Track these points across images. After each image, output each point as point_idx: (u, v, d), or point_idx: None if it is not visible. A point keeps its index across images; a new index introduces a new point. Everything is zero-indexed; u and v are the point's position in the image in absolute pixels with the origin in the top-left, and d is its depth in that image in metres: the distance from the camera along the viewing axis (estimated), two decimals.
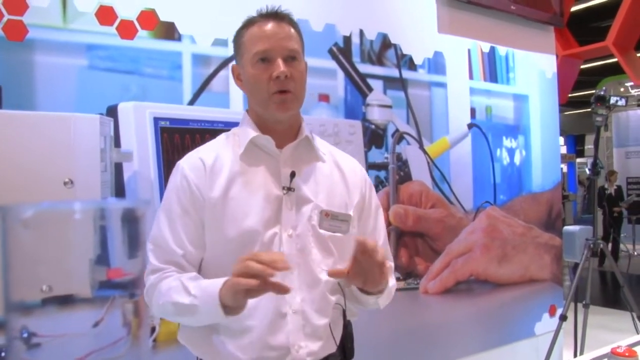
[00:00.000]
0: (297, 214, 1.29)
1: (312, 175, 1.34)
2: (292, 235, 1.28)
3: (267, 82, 1.27)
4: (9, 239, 2.04)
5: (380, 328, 2.82)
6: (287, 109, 1.29)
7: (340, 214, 1.30)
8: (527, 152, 3.60)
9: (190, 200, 1.29)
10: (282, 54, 1.28)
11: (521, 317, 3.45)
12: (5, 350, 1.98)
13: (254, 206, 1.27)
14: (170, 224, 1.29)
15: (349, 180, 1.39)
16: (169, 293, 1.23)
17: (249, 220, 1.26)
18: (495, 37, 3.42)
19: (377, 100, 2.87)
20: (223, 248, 1.27)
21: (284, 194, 1.29)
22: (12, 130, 2.01)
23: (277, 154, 1.32)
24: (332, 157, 1.41)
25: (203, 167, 1.30)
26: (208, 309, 1.18)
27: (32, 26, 2.05)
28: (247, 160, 1.31)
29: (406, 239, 2.94)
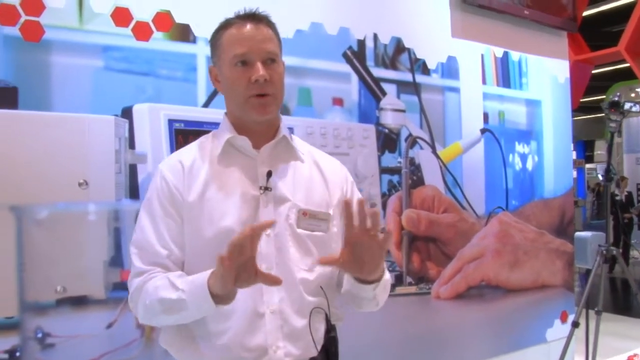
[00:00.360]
0: (274, 214, 1.28)
1: (291, 175, 1.34)
2: (270, 235, 1.27)
3: (245, 85, 1.26)
4: (24, 240, 2.06)
5: (392, 332, 2.81)
6: (266, 112, 1.28)
7: (319, 213, 1.29)
8: (540, 157, 3.59)
9: (170, 201, 1.29)
10: (260, 57, 1.27)
11: (532, 323, 3.43)
12: (20, 350, 2.00)
13: (230, 206, 1.27)
14: (154, 226, 1.28)
15: (329, 179, 1.38)
16: (156, 292, 1.22)
17: (226, 221, 1.26)
18: (508, 42, 3.41)
19: (391, 105, 2.86)
20: (201, 249, 1.26)
21: (260, 194, 1.29)
22: (27, 131, 2.02)
23: (254, 154, 1.32)
24: (311, 157, 1.40)
25: (182, 169, 1.31)
26: (197, 301, 1.17)
27: (48, 27, 2.06)
28: (224, 161, 1.32)
29: (418, 243, 2.92)
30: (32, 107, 2.02)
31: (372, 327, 2.76)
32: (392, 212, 2.83)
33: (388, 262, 2.83)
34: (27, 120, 2.02)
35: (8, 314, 1.95)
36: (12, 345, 1.95)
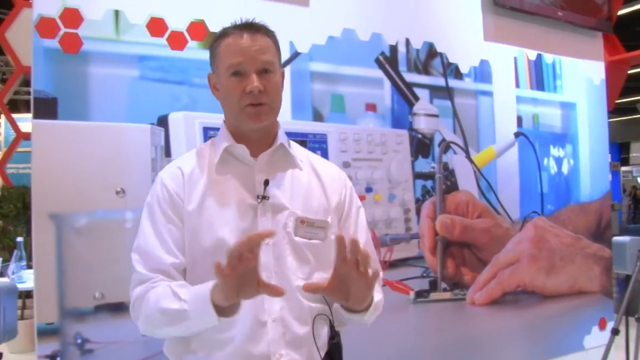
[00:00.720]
0: (272, 222, 1.29)
1: (288, 182, 1.34)
2: (269, 244, 1.27)
3: (240, 96, 1.27)
4: (63, 247, 2.09)
5: (427, 339, 2.78)
6: (260, 120, 1.29)
7: (316, 221, 1.27)
8: (575, 161, 3.52)
9: (172, 207, 1.29)
10: (255, 67, 1.27)
11: (570, 329, 3.36)
12: (60, 355, 2.03)
13: (228, 216, 1.27)
14: (156, 233, 1.28)
15: (327, 186, 1.38)
16: (158, 301, 1.21)
17: (224, 230, 1.26)
18: (541, 44, 3.35)
19: (424, 110, 2.84)
20: (199, 258, 1.27)
21: (258, 203, 1.29)
22: (66, 140, 2.06)
23: (252, 163, 1.32)
24: (309, 164, 1.40)
25: (181, 175, 1.32)
26: (199, 312, 1.16)
27: (86, 38, 2.10)
28: (222, 170, 1.32)
29: (453, 249, 2.89)
30: (71, 117, 2.06)
31: (407, 334, 2.75)
32: (425, 218, 2.81)
33: (422, 268, 2.80)
34: (66, 130, 2.06)
35: (49, 320, 1.99)
36: (53, 351, 1.99)
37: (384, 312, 2.68)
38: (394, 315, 2.69)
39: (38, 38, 2.06)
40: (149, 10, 2.20)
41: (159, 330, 1.27)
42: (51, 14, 2.06)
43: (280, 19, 2.47)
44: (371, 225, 2.63)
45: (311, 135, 2.49)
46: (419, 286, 2.77)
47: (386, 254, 2.65)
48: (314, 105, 2.54)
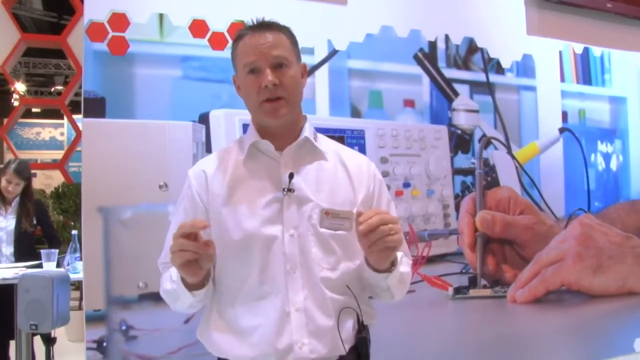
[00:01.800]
0: (298, 214, 1.32)
1: (314, 175, 1.37)
2: (294, 235, 1.31)
3: (257, 92, 1.32)
4: (110, 238, 2.21)
5: (466, 335, 2.77)
6: (278, 115, 1.33)
7: (341, 212, 1.27)
8: (625, 157, 3.41)
9: (192, 207, 1.37)
10: (269, 63, 1.31)
11: (619, 331, 3.26)
12: (106, 340, 2.15)
13: (255, 209, 1.32)
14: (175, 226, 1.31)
15: (354, 178, 1.39)
16: (163, 283, 1.36)
17: (252, 223, 1.31)
18: (589, 37, 3.27)
19: (464, 105, 2.83)
20: (230, 251, 1.32)
21: (284, 195, 1.32)
22: (114, 137, 2.17)
23: (277, 157, 1.36)
24: (337, 155, 1.42)
25: (204, 177, 1.37)
26: (180, 290, 1.28)
27: (132, 41, 2.21)
28: (250, 164, 1.37)
29: (493, 246, 2.86)
30: (118, 116, 2.18)
31: (445, 330, 2.74)
32: (465, 213, 2.79)
33: (462, 264, 2.79)
34: (114, 127, 2.18)
35: (96, 307, 2.11)
36: (100, 336, 2.11)
37: (423, 306, 2.70)
38: (432, 310, 2.70)
39: (88, 42, 2.18)
40: (191, 12, 2.29)
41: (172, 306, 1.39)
42: (100, 19, 2.18)
43: (319, 18, 2.53)
44: (409, 220, 2.64)
45: (349, 131, 2.52)
46: (457, 282, 2.76)
47: (424, 249, 2.65)
48: (352, 101, 2.57)
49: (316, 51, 2.49)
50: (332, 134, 2.49)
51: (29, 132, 10.39)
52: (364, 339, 1.35)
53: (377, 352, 2.55)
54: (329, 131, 2.48)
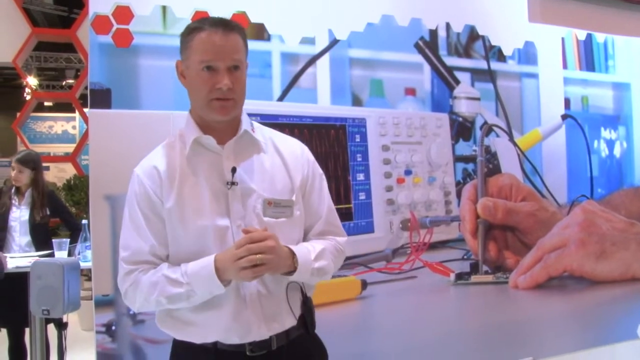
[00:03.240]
0: (243, 206, 1.40)
1: (254, 167, 1.43)
2: (241, 226, 1.38)
3: (209, 90, 1.36)
4: (117, 225, 2.26)
5: (468, 320, 2.81)
6: (227, 113, 1.39)
7: (282, 201, 1.40)
8: (629, 143, 3.41)
9: (149, 205, 1.40)
10: (226, 65, 1.35)
11: (622, 317, 3.27)
12: (115, 324, 2.22)
13: (203, 204, 1.38)
14: (136, 228, 1.40)
15: (290, 165, 1.47)
16: (157, 289, 1.36)
17: (202, 218, 1.38)
18: (592, 23, 3.27)
19: (465, 93, 2.86)
20: (183, 245, 1.39)
21: (228, 189, 1.39)
22: (119, 127, 2.23)
23: (220, 151, 1.41)
24: (272, 145, 1.49)
25: (158, 174, 1.41)
26: (206, 288, 1.34)
27: (137, 33, 2.26)
28: (194, 160, 1.42)
29: (495, 232, 2.89)
30: (124, 106, 2.24)
31: (447, 315, 2.78)
32: (467, 200, 2.82)
33: (463, 251, 2.83)
34: (119, 118, 2.24)
35: (105, 292, 2.17)
36: (109, 320, 2.17)
37: (425, 292, 2.73)
38: (434, 296, 2.74)
39: (93, 34, 2.24)
40: (194, 4, 2.33)
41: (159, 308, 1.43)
42: (105, 11, 2.23)
43: (319, 8, 2.56)
44: (410, 207, 2.68)
45: (350, 119, 2.56)
46: (459, 268, 2.79)
47: (426, 235, 2.69)
48: (353, 90, 2.61)
49: (317, 41, 2.53)
50: (334, 123, 2.53)
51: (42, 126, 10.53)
52: (309, 308, 1.48)
53: (380, 336, 2.61)
54: (331, 120, 2.52)
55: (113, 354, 2.18)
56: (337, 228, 1.55)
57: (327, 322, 1.61)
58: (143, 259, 1.39)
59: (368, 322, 2.56)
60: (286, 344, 1.43)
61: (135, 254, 1.39)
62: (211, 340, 1.40)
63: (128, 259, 1.40)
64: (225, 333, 1.39)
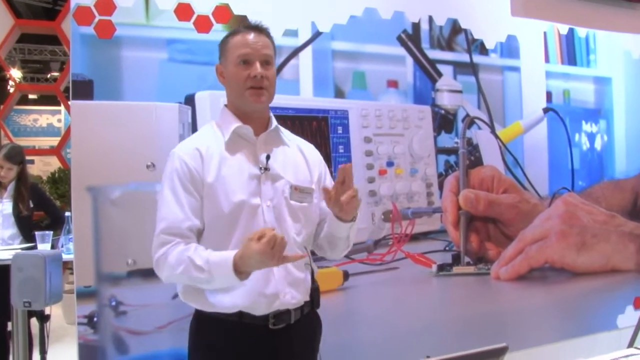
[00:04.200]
0: (272, 189, 1.60)
1: (282, 157, 1.64)
2: (270, 206, 1.59)
3: (245, 79, 1.57)
4: (99, 217, 2.27)
5: (450, 311, 2.84)
6: (260, 100, 1.59)
7: (305, 188, 1.63)
8: (610, 136, 3.45)
9: (191, 181, 1.55)
10: (259, 58, 1.58)
11: (602, 308, 3.32)
12: (97, 315, 2.22)
13: (240, 184, 1.57)
14: (177, 201, 1.55)
15: (310, 161, 1.70)
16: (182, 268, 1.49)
17: (237, 195, 1.55)
18: (574, 18, 3.30)
19: (447, 86, 2.88)
20: (219, 220, 1.56)
21: (261, 173, 1.59)
22: (102, 119, 2.23)
23: (254, 141, 1.62)
24: (295, 143, 1.71)
25: (199, 154, 1.57)
26: (224, 280, 1.48)
27: (119, 24, 2.26)
28: (231, 147, 1.60)
29: (477, 224, 2.92)
30: (106, 98, 2.23)
31: (429, 306, 2.81)
32: (448, 192, 2.85)
33: (445, 242, 2.86)
34: (102, 109, 2.23)
35: (86, 284, 2.18)
36: (90, 312, 2.18)
37: (406, 283, 2.76)
38: (416, 287, 2.76)
39: (76, 26, 2.23)
40: None
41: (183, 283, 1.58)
42: (87, 3, 2.23)
43: (302, 0, 2.57)
44: (392, 198, 2.70)
45: (332, 111, 2.57)
46: (441, 260, 2.82)
47: (408, 227, 2.71)
48: (336, 82, 2.62)
49: (300, 33, 2.54)
50: (316, 115, 2.55)
51: (26, 119, 10.42)
52: (316, 288, 1.66)
53: (361, 327, 2.63)
54: (313, 111, 2.53)
55: (95, 345, 2.19)
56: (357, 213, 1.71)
57: None
58: (178, 231, 1.53)
59: (350, 313, 2.58)
60: (300, 319, 1.61)
61: (171, 226, 1.53)
62: (236, 310, 1.54)
63: (165, 229, 1.53)
64: (251, 301, 1.53)
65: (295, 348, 1.60)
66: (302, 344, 1.64)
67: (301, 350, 1.63)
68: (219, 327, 1.57)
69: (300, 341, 1.63)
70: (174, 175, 1.56)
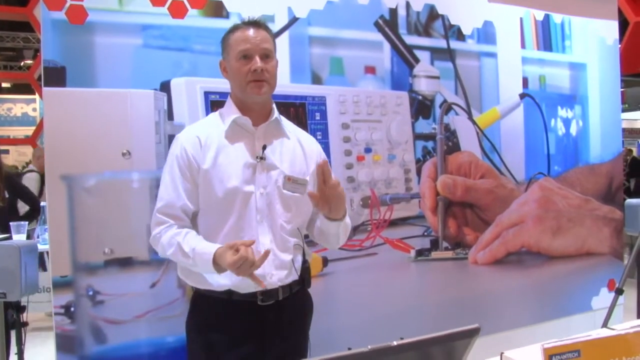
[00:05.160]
0: (267, 178, 1.68)
1: (279, 148, 1.73)
2: (263, 193, 1.68)
3: (246, 73, 1.66)
4: (74, 206, 2.24)
5: (428, 296, 2.87)
6: (261, 92, 1.67)
7: (299, 179, 1.70)
8: (585, 122, 3.50)
9: (188, 167, 1.67)
10: (259, 53, 1.66)
11: (576, 290, 3.39)
12: (74, 305, 2.19)
13: (235, 171, 1.66)
14: (173, 184, 1.67)
15: (307, 154, 1.77)
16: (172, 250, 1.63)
17: (232, 181, 1.65)
18: (549, 4, 3.32)
19: (424, 72, 2.88)
20: (214, 203, 1.66)
21: (257, 162, 1.68)
22: (75, 106, 2.19)
23: (253, 131, 1.71)
24: (295, 135, 1.79)
25: (199, 142, 1.68)
26: (204, 269, 1.61)
27: (91, 10, 2.21)
28: (230, 135, 1.70)
29: (455, 209, 2.95)
30: (79, 85, 2.19)
31: (408, 291, 2.83)
32: (427, 178, 2.86)
33: (424, 227, 2.88)
34: (75, 96, 2.19)
35: (62, 273, 2.15)
36: (67, 302, 2.15)
37: (385, 269, 2.78)
38: (395, 272, 2.78)
39: (46, 10, 2.18)
40: None
41: None
42: None
43: None
44: (370, 184, 2.71)
45: (310, 97, 2.56)
46: (420, 245, 2.84)
47: (386, 212, 2.73)
48: (313, 68, 2.60)
49: (276, 19, 2.51)
50: (294, 101, 2.53)
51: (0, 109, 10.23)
52: (307, 267, 1.77)
53: (341, 312, 2.64)
54: (290, 98, 2.52)
55: (72, 335, 2.16)
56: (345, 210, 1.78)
57: None
58: (173, 212, 1.66)
59: (329, 299, 2.59)
60: (289, 296, 1.71)
61: (167, 205, 1.66)
62: (226, 289, 1.65)
63: (161, 209, 1.67)
64: (240, 280, 1.59)
65: (284, 323, 1.70)
66: (291, 320, 1.73)
67: (290, 326, 1.72)
68: (211, 305, 1.69)
69: (290, 317, 1.72)
70: (174, 161, 1.68)
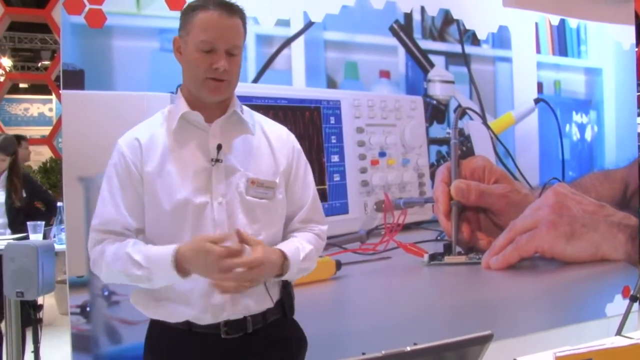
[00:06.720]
0: (226, 183, 1.40)
1: (241, 146, 1.44)
2: (222, 203, 1.39)
3: (205, 68, 1.37)
4: (91, 207, 2.25)
5: (441, 300, 2.86)
6: (219, 94, 1.41)
7: (266, 181, 1.41)
8: (600, 127, 3.47)
9: (127, 175, 1.40)
10: (225, 47, 1.37)
11: (590, 297, 3.36)
12: (89, 305, 2.22)
13: (185, 178, 1.38)
14: (111, 198, 1.41)
15: (276, 149, 1.48)
16: (119, 264, 1.36)
17: (182, 192, 1.37)
18: (565, 9, 3.30)
19: (439, 76, 2.88)
20: (160, 219, 1.39)
21: (212, 166, 1.39)
22: (93, 109, 2.22)
23: (206, 128, 1.42)
24: (260, 128, 1.50)
25: (139, 146, 1.41)
26: (163, 279, 1.34)
27: (110, 14, 2.24)
28: (179, 135, 1.42)
29: (468, 213, 2.94)
30: (97, 87, 2.22)
31: (421, 295, 2.83)
32: (440, 182, 2.86)
33: (437, 232, 2.87)
34: (93, 99, 2.22)
35: (79, 274, 2.18)
36: (83, 301, 2.18)
37: (398, 273, 2.78)
38: (408, 276, 2.78)
39: (66, 15, 2.21)
40: None
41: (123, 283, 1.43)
42: None
43: None
44: (384, 188, 2.71)
45: (325, 101, 2.58)
46: (433, 249, 2.84)
47: (400, 217, 2.73)
48: (328, 72, 2.62)
49: (292, 23, 2.53)
50: (309, 105, 2.55)
51: (17, 108, 10.36)
52: (289, 293, 1.49)
53: (354, 316, 2.65)
54: (305, 102, 2.54)
55: (88, 335, 2.19)
56: (321, 216, 1.56)
57: (302, 302, 1.63)
58: (113, 229, 1.39)
59: (342, 302, 2.60)
60: (263, 327, 1.43)
61: (105, 222, 1.40)
62: (183, 320, 1.40)
63: (98, 227, 1.41)
64: (197, 311, 1.38)
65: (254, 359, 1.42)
66: (266, 355, 1.44)
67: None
68: (169, 336, 1.42)
69: (263, 352, 1.43)
70: (111, 170, 1.43)
